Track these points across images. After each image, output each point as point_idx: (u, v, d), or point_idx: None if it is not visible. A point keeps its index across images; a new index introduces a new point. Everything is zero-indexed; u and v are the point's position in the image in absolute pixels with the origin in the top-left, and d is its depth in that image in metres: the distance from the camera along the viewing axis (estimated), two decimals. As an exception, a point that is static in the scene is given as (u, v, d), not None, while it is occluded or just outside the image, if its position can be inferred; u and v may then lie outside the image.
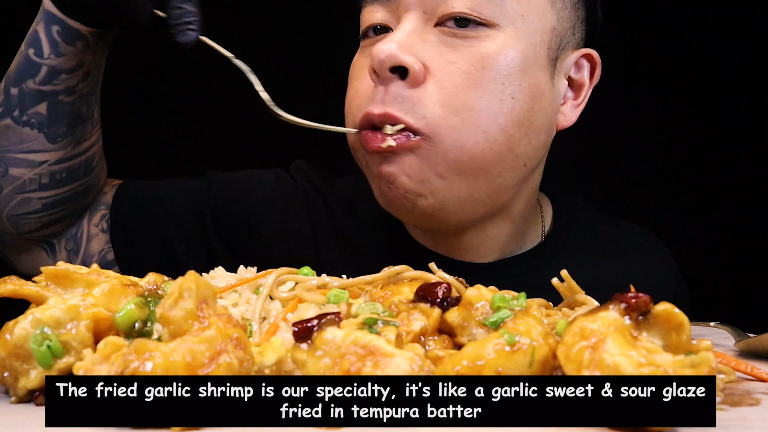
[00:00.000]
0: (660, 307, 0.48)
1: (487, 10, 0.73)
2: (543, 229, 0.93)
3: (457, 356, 0.49)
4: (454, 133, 0.72)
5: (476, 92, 0.72)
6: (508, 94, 0.74)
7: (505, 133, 0.74)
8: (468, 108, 0.72)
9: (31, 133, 0.79)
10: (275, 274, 0.61)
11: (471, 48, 0.73)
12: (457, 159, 0.73)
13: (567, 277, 0.67)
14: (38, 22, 0.78)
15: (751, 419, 0.47)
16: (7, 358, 0.50)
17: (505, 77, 0.73)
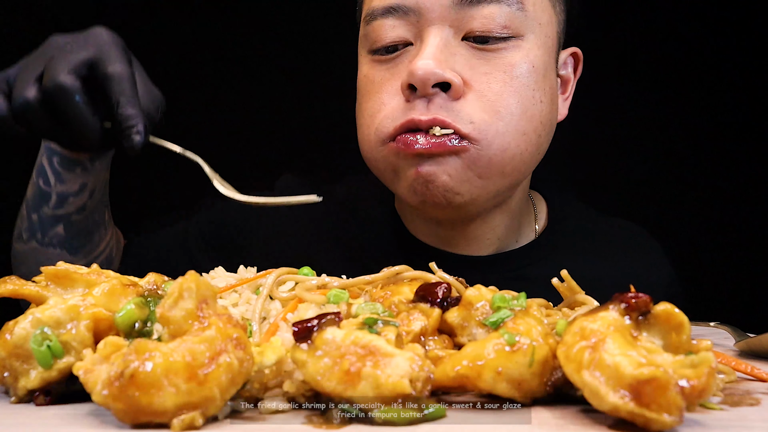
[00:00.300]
0: (660, 307, 0.48)
1: (512, 23, 0.77)
2: (537, 225, 0.97)
3: (457, 356, 0.49)
4: (500, 137, 0.76)
5: (514, 98, 0.77)
6: (538, 98, 0.79)
7: (536, 133, 0.80)
8: (510, 113, 0.77)
9: (54, 252, 0.86)
10: (275, 274, 0.61)
11: (501, 58, 0.77)
12: (501, 161, 0.78)
13: (567, 277, 0.67)
14: (42, 155, 0.83)
15: (751, 419, 0.47)
16: (7, 358, 0.50)
17: (534, 83, 0.78)
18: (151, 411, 0.42)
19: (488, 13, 0.76)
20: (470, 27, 0.76)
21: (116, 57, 0.67)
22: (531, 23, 0.78)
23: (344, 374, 0.44)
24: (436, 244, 0.91)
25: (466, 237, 0.90)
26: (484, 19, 0.76)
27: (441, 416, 0.46)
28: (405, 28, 0.79)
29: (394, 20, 0.78)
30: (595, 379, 0.43)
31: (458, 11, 0.76)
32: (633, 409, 0.42)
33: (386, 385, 0.43)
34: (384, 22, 0.79)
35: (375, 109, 0.81)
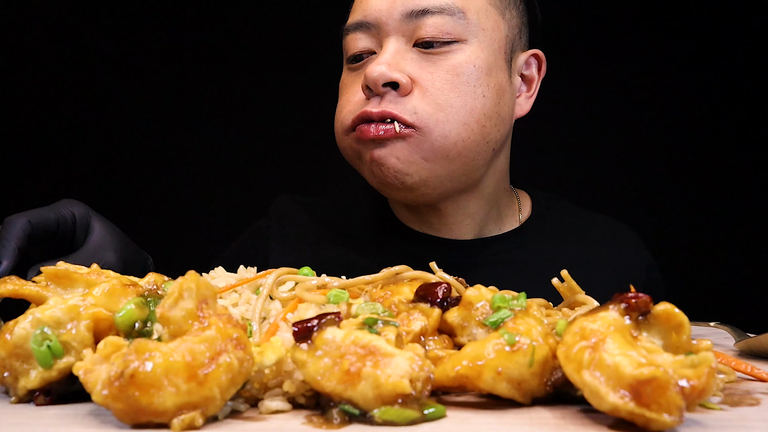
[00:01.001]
0: (660, 307, 0.48)
1: (455, 30, 0.88)
2: (521, 216, 1.06)
3: (457, 356, 0.49)
4: (440, 125, 0.87)
5: (454, 93, 0.88)
6: (480, 93, 0.89)
7: (479, 124, 0.90)
8: (449, 105, 0.87)
9: None
10: (275, 274, 0.61)
11: (446, 60, 0.89)
12: (442, 146, 0.88)
13: (567, 277, 0.67)
14: None
15: (751, 419, 0.47)
16: (7, 358, 0.50)
17: (476, 80, 0.89)
18: (151, 411, 0.42)
19: (433, 23, 0.88)
20: (419, 35, 0.88)
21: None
22: (474, 29, 0.90)
23: (344, 374, 0.44)
24: (421, 228, 1.02)
25: (443, 221, 0.99)
26: (430, 27, 0.88)
27: (441, 416, 0.46)
28: (369, 40, 0.92)
29: (361, 34, 0.92)
30: (595, 379, 0.43)
31: (409, 23, 0.88)
32: (633, 409, 0.42)
33: (386, 385, 0.43)
34: (354, 35, 0.93)
35: (342, 106, 0.94)
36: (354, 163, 0.95)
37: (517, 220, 1.05)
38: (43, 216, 0.78)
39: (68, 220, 0.80)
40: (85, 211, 0.82)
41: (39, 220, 0.77)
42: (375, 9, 0.90)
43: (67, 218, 0.80)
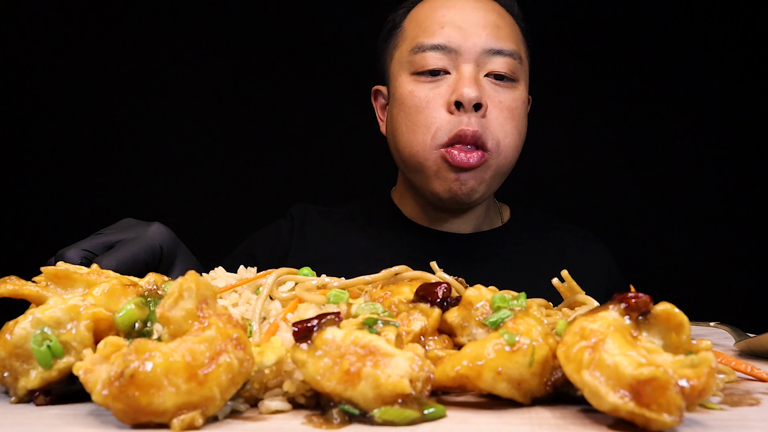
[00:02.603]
0: (660, 307, 0.48)
1: (515, 71, 1.10)
2: (502, 220, 1.27)
3: (457, 356, 0.49)
4: (504, 150, 1.09)
5: (512, 123, 1.09)
6: (523, 125, 1.13)
7: (518, 150, 1.13)
8: (509, 133, 1.09)
9: None
10: (275, 274, 0.61)
11: (508, 93, 1.10)
12: (503, 167, 1.10)
13: (567, 277, 0.67)
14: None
15: (751, 419, 0.47)
16: (7, 358, 0.50)
17: (522, 114, 1.12)
18: (151, 411, 0.42)
19: (503, 61, 1.08)
20: (491, 68, 1.08)
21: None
22: (523, 74, 1.13)
23: (344, 374, 0.44)
24: (426, 224, 1.20)
25: (453, 221, 1.19)
26: (502, 64, 1.08)
27: (441, 416, 0.46)
28: (446, 60, 1.08)
29: (440, 54, 1.08)
30: (595, 379, 0.43)
31: (484, 56, 1.08)
32: (633, 409, 0.42)
33: (386, 385, 0.43)
34: (431, 54, 1.09)
35: (429, 121, 1.08)
36: (425, 173, 1.09)
37: (500, 222, 1.26)
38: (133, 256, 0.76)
39: (156, 257, 0.80)
40: (173, 243, 0.83)
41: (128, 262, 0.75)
42: (458, 37, 1.08)
43: (155, 255, 0.79)
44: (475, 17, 1.09)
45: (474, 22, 1.09)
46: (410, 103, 1.10)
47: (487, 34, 1.08)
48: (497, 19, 1.11)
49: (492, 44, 1.08)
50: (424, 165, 1.09)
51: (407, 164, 1.12)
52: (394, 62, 1.15)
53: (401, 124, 1.11)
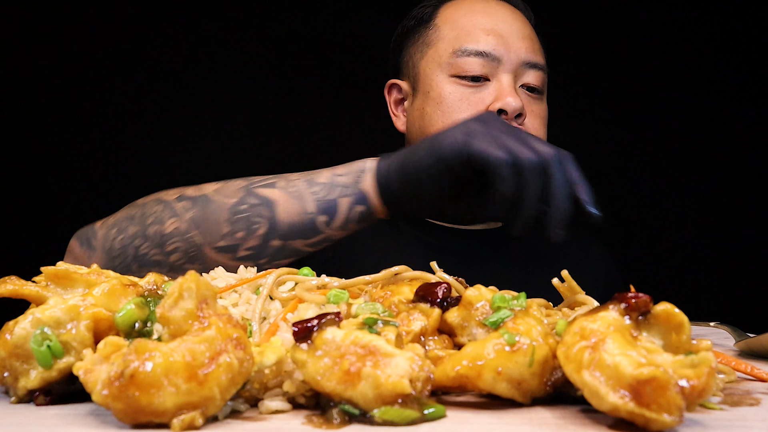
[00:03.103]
0: (660, 307, 0.48)
1: (544, 85, 1.15)
2: None
3: (457, 356, 0.49)
4: None
5: (543, 132, 1.14)
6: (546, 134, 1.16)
7: None
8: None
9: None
10: (275, 274, 0.61)
11: (538, 104, 1.15)
12: None
13: (567, 277, 0.67)
14: (344, 196, 0.82)
15: (751, 419, 0.47)
16: (7, 358, 0.50)
17: (546, 124, 1.16)
18: (151, 411, 0.42)
19: (537, 75, 1.13)
20: (526, 80, 1.12)
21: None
22: (546, 88, 1.17)
23: (344, 374, 0.44)
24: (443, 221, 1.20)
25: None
26: (535, 77, 1.13)
27: (441, 416, 0.46)
28: (487, 68, 1.11)
29: (483, 61, 1.11)
30: (595, 379, 0.43)
31: (521, 68, 1.12)
32: (633, 409, 0.42)
33: (386, 385, 0.43)
34: (474, 59, 1.11)
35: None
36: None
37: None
38: None
39: None
40: None
41: None
42: (500, 46, 1.11)
43: None
44: (515, 28, 1.14)
45: (514, 34, 1.13)
46: (450, 101, 1.12)
47: (526, 46, 1.12)
48: (531, 33, 1.16)
49: (530, 57, 1.12)
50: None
51: None
52: (427, 60, 1.16)
53: (437, 121, 1.12)
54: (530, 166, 0.71)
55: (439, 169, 0.76)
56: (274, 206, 0.81)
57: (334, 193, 0.81)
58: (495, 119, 0.78)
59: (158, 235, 0.83)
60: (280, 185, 0.83)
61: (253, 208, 0.82)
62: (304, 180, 0.83)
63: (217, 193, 0.84)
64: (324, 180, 0.83)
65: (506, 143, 0.73)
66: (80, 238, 0.88)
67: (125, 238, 0.84)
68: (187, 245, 0.82)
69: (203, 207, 0.83)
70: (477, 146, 0.73)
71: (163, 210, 0.84)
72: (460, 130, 0.76)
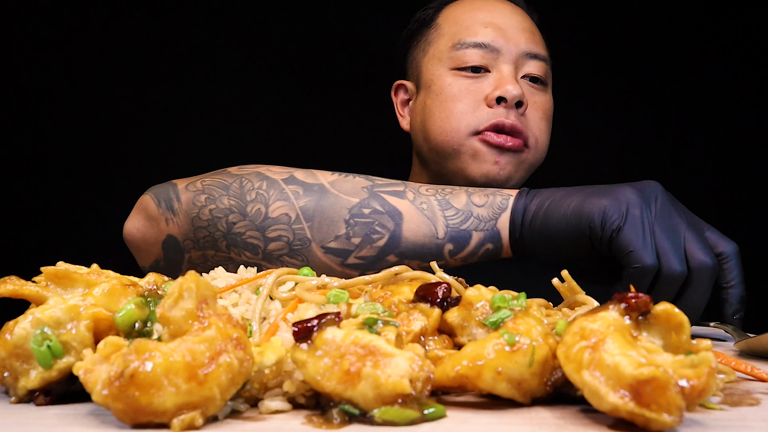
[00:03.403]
0: (660, 307, 0.48)
1: (547, 76, 1.16)
2: None
3: (457, 356, 0.49)
4: (540, 147, 1.15)
5: (545, 123, 1.15)
6: (550, 127, 1.18)
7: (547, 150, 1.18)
8: (544, 131, 1.15)
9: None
10: (275, 274, 0.61)
11: (540, 95, 1.15)
12: (536, 162, 1.15)
13: (567, 277, 0.67)
14: (478, 230, 0.77)
15: (751, 419, 0.47)
16: (7, 358, 0.50)
17: (551, 116, 1.18)
18: (151, 411, 0.42)
19: (539, 65, 1.14)
20: (527, 71, 1.13)
21: (718, 234, 0.76)
22: (550, 80, 1.18)
23: (344, 374, 0.44)
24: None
25: None
26: (538, 68, 1.14)
27: (441, 416, 0.46)
28: (487, 59, 1.12)
29: (482, 52, 1.12)
30: (595, 379, 0.43)
31: (522, 58, 1.13)
32: (633, 409, 0.42)
33: (386, 385, 0.43)
34: (474, 51, 1.12)
35: (467, 110, 1.10)
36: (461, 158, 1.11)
37: None
38: None
39: None
40: None
41: None
42: (499, 38, 1.12)
43: None
44: (514, 21, 1.15)
45: (513, 26, 1.14)
46: (448, 92, 1.12)
47: (526, 38, 1.13)
48: (532, 27, 1.17)
49: (531, 48, 1.13)
50: (459, 150, 1.10)
51: (440, 151, 1.12)
52: (429, 57, 1.18)
53: (435, 112, 1.13)
54: (672, 281, 0.69)
55: (581, 246, 0.72)
56: (400, 219, 0.75)
57: (469, 223, 0.76)
58: (654, 198, 0.73)
59: (260, 215, 0.75)
60: (410, 197, 0.77)
61: (376, 215, 0.75)
62: (437, 198, 0.77)
63: (335, 186, 0.77)
64: (460, 206, 0.77)
65: (662, 247, 0.69)
66: (158, 196, 0.80)
67: (217, 210, 0.76)
68: (294, 237, 0.74)
69: (319, 198, 0.75)
70: (627, 240, 0.69)
71: (268, 188, 0.76)
72: (615, 206, 0.70)
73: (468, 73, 1.12)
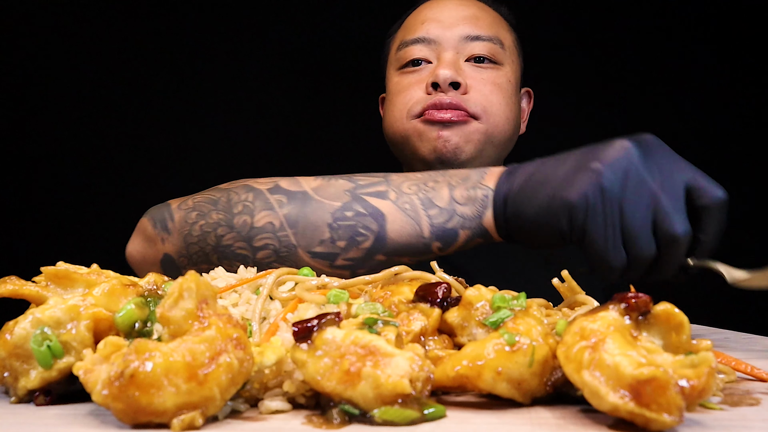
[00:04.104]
0: (660, 307, 0.48)
1: (497, 54, 1.16)
2: None
3: (457, 356, 0.49)
4: (493, 116, 1.13)
5: (498, 96, 1.14)
6: (513, 102, 1.17)
7: (512, 123, 1.17)
8: (498, 103, 1.14)
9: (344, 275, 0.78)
10: (275, 274, 0.61)
11: (490, 72, 1.15)
12: (492, 133, 1.13)
13: (567, 277, 0.67)
14: (464, 228, 0.76)
15: (751, 419, 0.47)
16: (7, 358, 0.50)
17: (511, 92, 1.17)
18: (151, 411, 0.42)
19: (483, 45, 1.14)
20: (470, 52, 1.14)
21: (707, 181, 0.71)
22: (507, 59, 1.18)
23: (344, 374, 0.44)
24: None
25: None
26: (481, 47, 1.14)
27: (441, 416, 0.46)
28: (426, 51, 1.16)
29: (421, 46, 1.15)
30: (595, 379, 0.43)
31: (464, 43, 1.14)
32: (633, 409, 0.42)
33: (386, 385, 0.43)
34: (413, 47, 1.16)
35: (406, 99, 1.14)
36: (409, 142, 1.14)
37: None
38: None
39: None
40: None
41: None
42: (437, 30, 1.15)
43: None
44: (455, 12, 1.17)
45: (453, 16, 1.16)
46: (395, 90, 1.18)
47: (467, 24, 1.15)
48: (477, 12, 1.17)
49: (471, 31, 1.14)
50: (406, 134, 1.14)
51: (394, 142, 1.18)
52: (387, 65, 1.25)
53: (387, 111, 1.19)
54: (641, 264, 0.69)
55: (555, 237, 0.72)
56: (384, 221, 0.75)
57: (454, 222, 0.76)
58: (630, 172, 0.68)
59: (246, 226, 0.76)
60: (392, 197, 0.77)
61: (359, 218, 0.76)
62: (418, 196, 0.77)
63: (318, 192, 0.78)
64: (443, 204, 0.76)
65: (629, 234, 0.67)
66: (154, 218, 0.82)
67: (206, 225, 0.78)
68: (280, 244, 0.75)
69: (302, 205, 0.76)
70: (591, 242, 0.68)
71: (254, 199, 0.78)
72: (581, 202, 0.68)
73: (410, 68, 1.17)
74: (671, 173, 0.70)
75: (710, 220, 0.70)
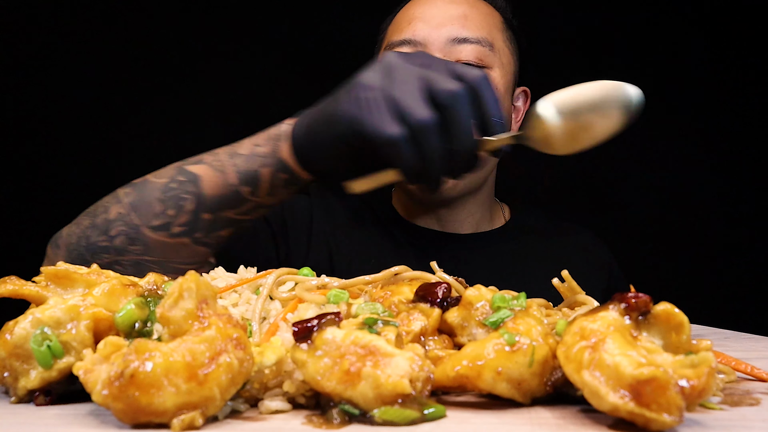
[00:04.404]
0: (660, 307, 0.48)
1: (485, 58, 1.10)
2: (504, 218, 1.29)
3: (457, 356, 0.49)
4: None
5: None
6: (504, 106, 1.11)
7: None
8: None
9: (201, 250, 0.86)
10: (275, 274, 0.61)
11: None
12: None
13: (567, 277, 0.67)
14: (264, 166, 0.82)
15: (751, 419, 0.47)
16: (7, 358, 0.50)
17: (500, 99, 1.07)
18: (151, 411, 0.42)
19: (471, 49, 1.08)
20: (459, 57, 1.08)
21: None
22: (497, 61, 1.12)
23: (344, 374, 0.44)
24: (428, 225, 1.20)
25: (451, 218, 1.19)
26: (468, 52, 1.08)
27: (441, 416, 0.46)
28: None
29: (408, 48, 1.09)
30: (595, 379, 0.43)
31: (450, 46, 1.08)
32: (633, 409, 0.42)
33: (386, 385, 0.43)
34: (400, 49, 1.10)
35: None
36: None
37: (502, 219, 1.27)
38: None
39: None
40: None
41: None
42: (424, 31, 1.09)
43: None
44: (443, 11, 1.11)
45: (441, 15, 1.10)
46: None
47: (453, 24, 1.09)
48: (467, 10, 1.12)
49: (458, 33, 1.08)
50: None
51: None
52: None
53: None
54: (425, 129, 0.67)
55: (339, 148, 0.75)
56: (199, 181, 0.83)
57: (255, 163, 0.82)
58: (392, 65, 0.72)
59: (104, 222, 0.85)
60: (207, 160, 0.85)
61: (181, 185, 0.84)
62: (226, 153, 0.85)
63: (154, 175, 0.86)
64: (244, 151, 0.83)
65: (401, 105, 0.68)
66: (51, 241, 0.92)
67: (80, 231, 0.87)
68: (128, 228, 0.84)
69: (140, 190, 0.85)
70: (369, 125, 0.69)
71: (110, 199, 0.88)
72: (352, 99, 0.72)
73: None
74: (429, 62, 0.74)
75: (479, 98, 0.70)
